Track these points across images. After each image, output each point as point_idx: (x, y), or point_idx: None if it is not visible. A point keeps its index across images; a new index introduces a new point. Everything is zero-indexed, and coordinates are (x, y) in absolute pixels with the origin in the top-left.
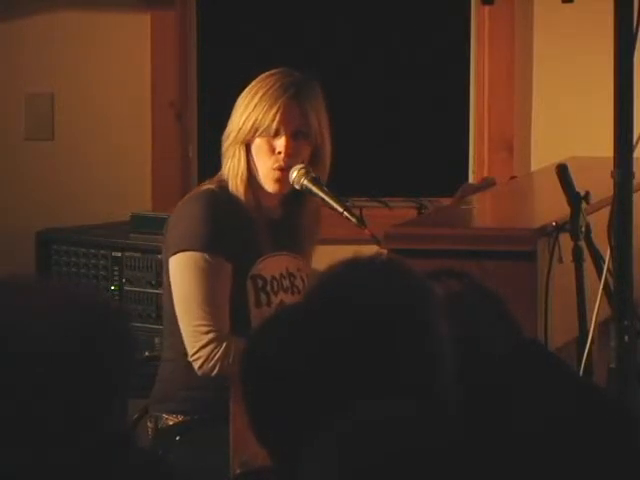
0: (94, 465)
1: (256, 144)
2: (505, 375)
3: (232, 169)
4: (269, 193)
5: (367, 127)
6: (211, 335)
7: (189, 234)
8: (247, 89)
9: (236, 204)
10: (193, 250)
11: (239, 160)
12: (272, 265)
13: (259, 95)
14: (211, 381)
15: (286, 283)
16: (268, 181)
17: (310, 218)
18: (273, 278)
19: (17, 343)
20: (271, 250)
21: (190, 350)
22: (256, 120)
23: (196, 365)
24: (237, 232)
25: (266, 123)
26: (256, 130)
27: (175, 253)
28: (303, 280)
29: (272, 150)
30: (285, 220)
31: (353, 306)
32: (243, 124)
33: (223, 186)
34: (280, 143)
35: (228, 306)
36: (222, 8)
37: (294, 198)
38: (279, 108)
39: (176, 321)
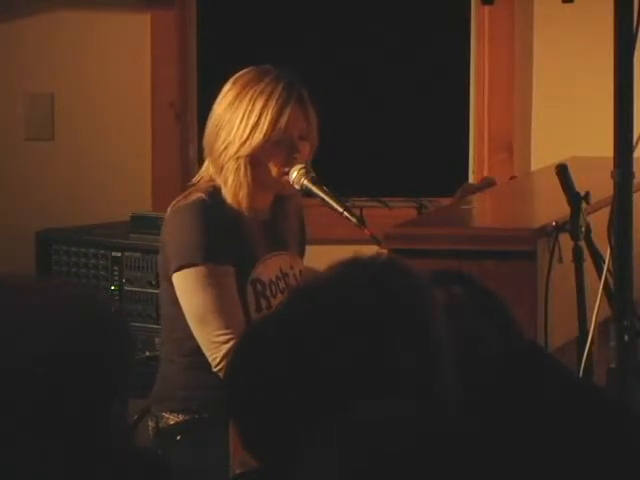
0: (94, 465)
1: (263, 150)
2: (504, 376)
3: (235, 182)
4: (263, 196)
5: (367, 127)
6: (232, 343)
7: (187, 247)
8: (232, 95)
9: (228, 211)
10: (195, 263)
11: (245, 175)
12: (268, 268)
13: (260, 102)
14: (211, 381)
15: (282, 285)
16: (281, 184)
17: (292, 216)
18: (271, 281)
19: (17, 343)
20: (266, 252)
21: (213, 362)
22: (266, 129)
23: (222, 375)
24: (233, 239)
25: (278, 132)
26: (267, 140)
27: (177, 269)
28: (296, 277)
29: (283, 155)
30: (272, 220)
31: (353, 306)
32: (249, 135)
33: (212, 193)
34: (292, 147)
35: (240, 309)
36: (222, 8)
37: (277, 198)
38: (290, 113)
39: (174, 323)
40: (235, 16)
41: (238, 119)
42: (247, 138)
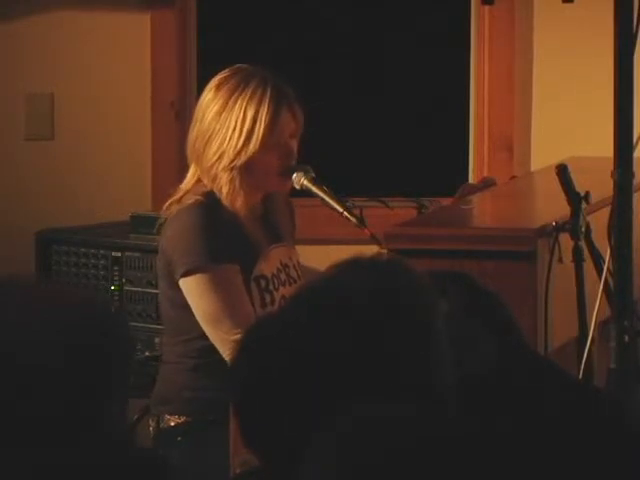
0: (94, 465)
1: (259, 157)
2: (502, 377)
3: (230, 192)
4: (255, 196)
5: (367, 127)
6: None
7: (192, 251)
8: (219, 104)
9: (226, 211)
10: (201, 267)
11: (240, 184)
12: (269, 262)
13: (252, 109)
14: (215, 383)
15: (283, 276)
16: (280, 184)
17: (282, 209)
18: (273, 275)
19: (16, 344)
20: (265, 247)
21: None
22: (261, 137)
23: None
24: (234, 238)
25: (272, 137)
26: (262, 147)
27: (185, 275)
28: (295, 268)
29: (279, 160)
30: (266, 214)
31: (353, 306)
32: (244, 144)
33: (207, 194)
34: (287, 151)
35: (251, 305)
36: (222, 8)
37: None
38: (282, 118)
39: (178, 326)
40: (235, 16)
41: (230, 129)
42: (242, 148)
